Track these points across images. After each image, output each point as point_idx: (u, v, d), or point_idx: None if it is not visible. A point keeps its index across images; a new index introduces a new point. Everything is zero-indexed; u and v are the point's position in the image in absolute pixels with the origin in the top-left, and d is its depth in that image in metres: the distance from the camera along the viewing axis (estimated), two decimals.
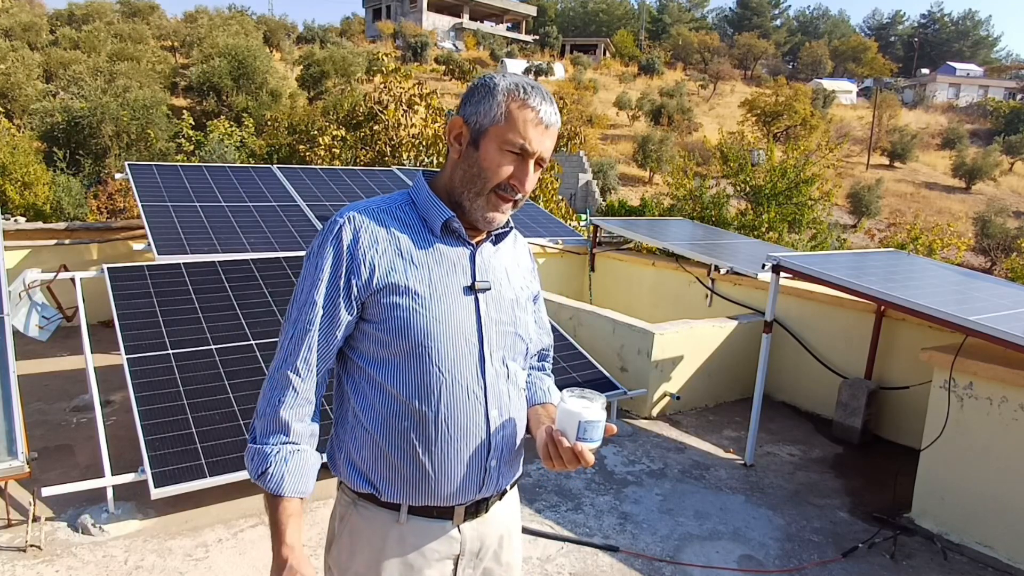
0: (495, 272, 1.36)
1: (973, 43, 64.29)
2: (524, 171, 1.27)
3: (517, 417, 1.39)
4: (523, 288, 1.43)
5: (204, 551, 2.93)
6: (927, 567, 3.18)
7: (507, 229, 1.40)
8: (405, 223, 1.31)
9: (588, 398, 1.25)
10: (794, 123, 27.13)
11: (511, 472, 1.42)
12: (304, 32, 43.71)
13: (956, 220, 18.01)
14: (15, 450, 2.83)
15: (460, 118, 1.30)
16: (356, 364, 1.32)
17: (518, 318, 1.38)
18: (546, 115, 1.26)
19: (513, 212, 1.34)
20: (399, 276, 1.26)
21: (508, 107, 1.25)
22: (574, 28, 60.55)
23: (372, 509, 1.33)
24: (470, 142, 1.29)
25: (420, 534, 1.33)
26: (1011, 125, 36.56)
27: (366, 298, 1.27)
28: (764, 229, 9.35)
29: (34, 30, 25.54)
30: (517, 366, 1.39)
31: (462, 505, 1.34)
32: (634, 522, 3.40)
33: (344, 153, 10.92)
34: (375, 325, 1.27)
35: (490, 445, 1.33)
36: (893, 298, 3.54)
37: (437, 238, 1.31)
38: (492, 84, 1.29)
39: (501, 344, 1.34)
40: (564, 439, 1.23)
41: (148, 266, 4.31)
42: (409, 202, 1.35)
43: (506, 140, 1.25)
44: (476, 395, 1.30)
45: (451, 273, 1.30)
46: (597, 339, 5.08)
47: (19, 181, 9.60)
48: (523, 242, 1.51)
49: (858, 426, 4.58)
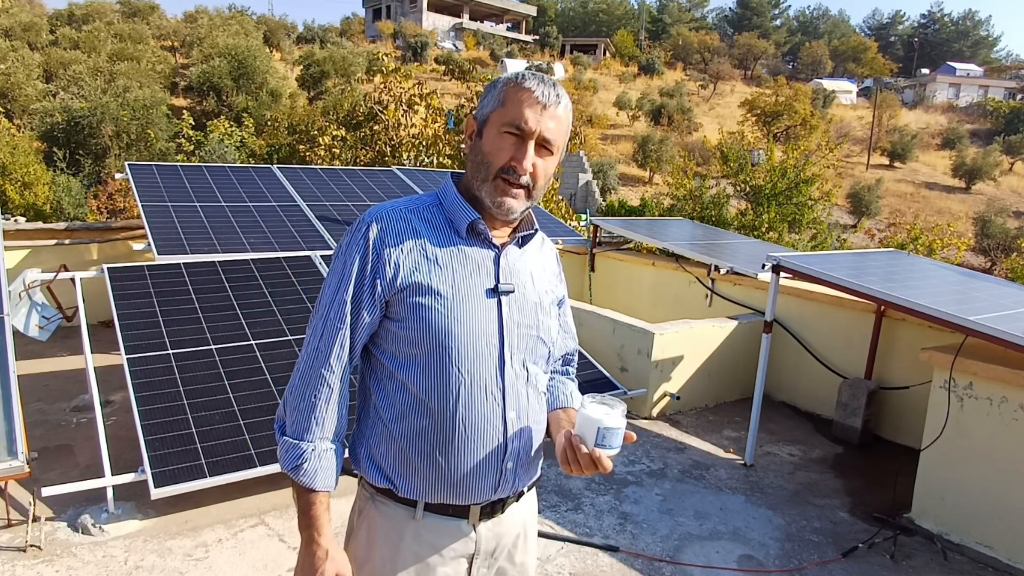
0: (520, 275, 1.37)
1: (973, 43, 64.29)
2: (523, 151, 1.27)
3: (536, 420, 1.39)
4: (547, 292, 1.43)
5: (204, 551, 2.93)
6: (927, 567, 3.18)
7: (532, 231, 1.40)
8: (432, 224, 1.33)
9: (609, 404, 1.24)
10: (794, 123, 27.13)
11: (528, 474, 1.42)
12: (304, 32, 43.73)
13: (956, 220, 18.00)
14: (15, 450, 2.83)
15: (472, 116, 1.34)
16: (379, 361, 1.34)
17: (541, 322, 1.39)
18: (543, 95, 1.26)
19: (531, 203, 1.33)
20: (423, 276, 1.28)
21: (506, 92, 1.28)
22: (574, 28, 60.55)
23: (390, 504, 1.35)
24: (476, 133, 1.32)
25: (436, 531, 1.34)
26: (1011, 125, 36.54)
27: (390, 297, 1.28)
28: (764, 229, 9.35)
29: (34, 30, 25.53)
30: (538, 369, 1.39)
31: (478, 505, 1.35)
32: (634, 522, 3.40)
33: (344, 153, 10.92)
34: (398, 324, 1.29)
35: (507, 447, 1.33)
36: (893, 298, 3.54)
37: (463, 239, 1.32)
38: (498, 79, 1.32)
39: (522, 347, 1.35)
40: (583, 445, 1.23)
41: (148, 266, 4.31)
42: (437, 203, 1.36)
43: (504, 122, 1.27)
44: (494, 397, 1.31)
45: (475, 275, 1.31)
46: (597, 339, 5.08)
47: (19, 181, 9.60)
48: (550, 246, 1.52)
49: (858, 426, 4.58)
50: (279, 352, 3.91)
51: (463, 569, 1.37)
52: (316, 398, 1.29)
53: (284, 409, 1.32)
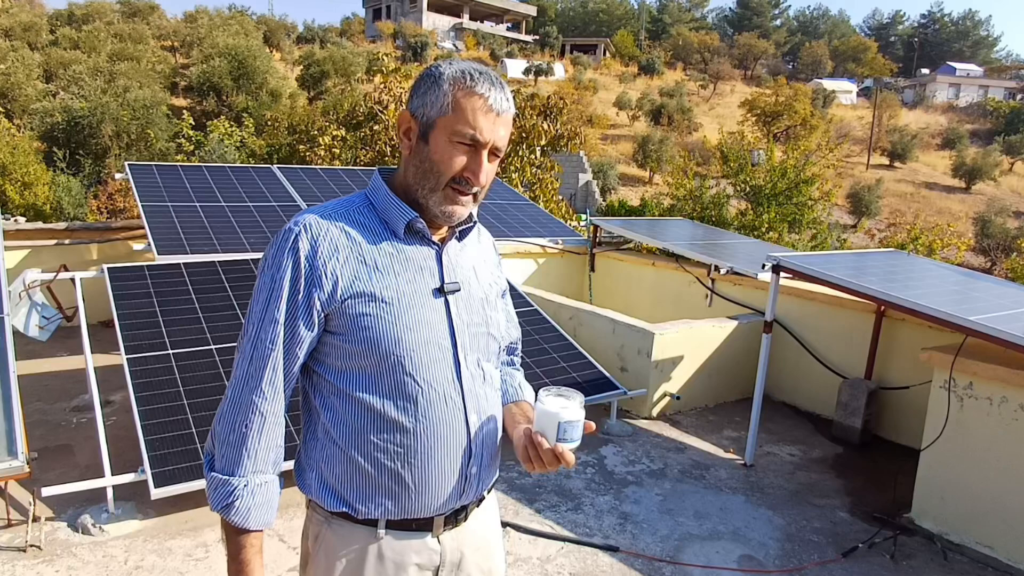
0: (463, 271, 1.31)
1: (973, 43, 64.32)
2: (478, 163, 1.20)
3: (495, 419, 1.35)
4: (492, 285, 1.38)
5: (204, 551, 2.93)
6: (927, 567, 3.18)
7: (471, 224, 1.33)
8: (365, 226, 1.24)
9: (566, 396, 1.21)
10: (794, 123, 27.15)
11: (490, 476, 1.38)
12: (304, 32, 43.74)
13: (956, 220, 18.02)
14: (15, 450, 2.83)
15: (408, 112, 1.23)
16: (323, 378, 1.25)
17: (489, 317, 1.34)
18: (496, 102, 1.18)
19: (475, 205, 1.27)
20: (364, 284, 1.19)
21: (455, 96, 1.18)
22: (574, 28, 60.57)
23: (347, 526, 1.27)
24: (419, 136, 1.22)
25: (399, 549, 1.28)
26: (1011, 125, 36.56)
27: (330, 311, 1.19)
28: (764, 229, 9.36)
29: (34, 30, 25.55)
30: (491, 366, 1.36)
31: (441, 515, 1.30)
32: (634, 522, 3.40)
33: (344, 153, 10.92)
34: (342, 337, 1.20)
35: (471, 451, 1.28)
36: (893, 298, 3.54)
37: (400, 240, 1.25)
38: (438, 73, 1.20)
39: (475, 346, 1.30)
40: (544, 441, 1.19)
41: (148, 266, 4.31)
42: (367, 203, 1.28)
43: (455, 131, 1.18)
44: (454, 401, 1.25)
45: (418, 276, 1.24)
46: (597, 339, 5.08)
47: (19, 181, 9.61)
48: (487, 235, 1.46)
49: (858, 426, 4.58)
50: None
51: None
52: (247, 428, 1.18)
53: (213, 441, 1.21)
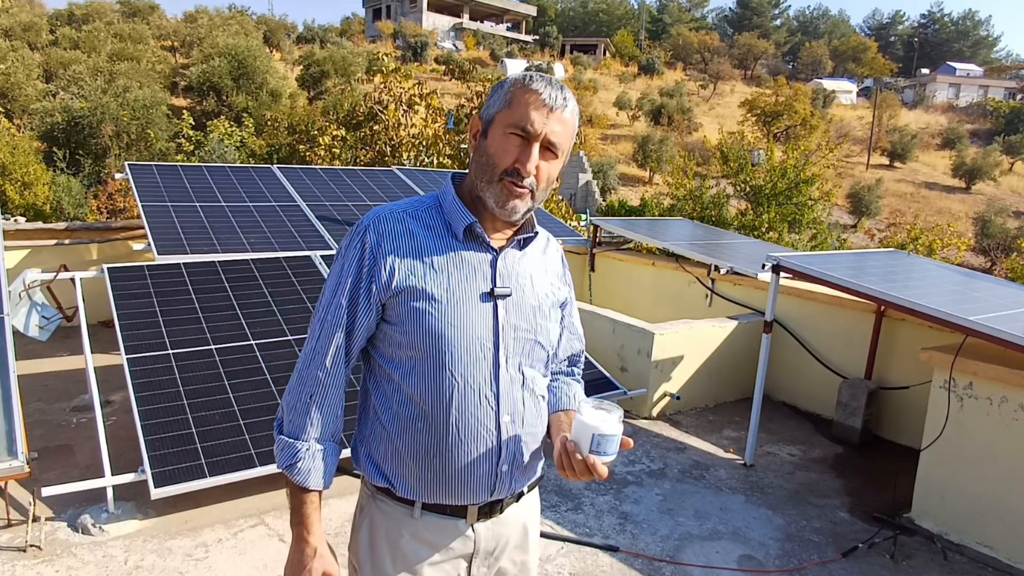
0: (518, 278, 1.36)
1: (973, 43, 64.30)
2: (528, 153, 1.26)
3: (532, 423, 1.39)
4: (548, 295, 1.42)
5: (204, 551, 2.93)
6: (927, 567, 3.18)
7: (533, 234, 1.39)
8: (429, 227, 1.33)
9: (606, 410, 1.23)
10: (794, 123, 27.12)
11: (526, 476, 1.42)
12: (304, 32, 43.71)
13: (956, 220, 18.01)
14: (15, 450, 2.83)
15: (477, 116, 1.34)
16: (378, 363, 1.36)
17: (539, 325, 1.38)
18: (549, 97, 1.25)
19: (534, 205, 1.32)
20: (418, 280, 1.28)
21: (512, 93, 1.27)
22: (574, 28, 60.55)
23: (389, 503, 1.37)
24: (481, 134, 1.32)
25: (434, 530, 1.36)
26: (1011, 125, 36.53)
27: (386, 300, 1.30)
28: (764, 229, 9.35)
29: (34, 30, 25.53)
30: (535, 372, 1.39)
31: (475, 505, 1.36)
32: (634, 522, 3.40)
33: (344, 153, 10.92)
34: (394, 327, 1.30)
35: (501, 450, 1.34)
36: (893, 298, 3.54)
37: (460, 243, 1.32)
38: (505, 80, 1.31)
39: (518, 350, 1.35)
40: (578, 451, 1.23)
41: (148, 266, 4.30)
42: (436, 205, 1.37)
43: (509, 123, 1.26)
44: (488, 400, 1.31)
45: (471, 278, 1.31)
46: (597, 339, 5.08)
47: (19, 181, 9.61)
48: (556, 246, 1.51)
49: (858, 426, 4.58)
50: (279, 352, 3.91)
51: (462, 568, 1.39)
52: (311, 398, 1.31)
53: (283, 408, 1.34)
